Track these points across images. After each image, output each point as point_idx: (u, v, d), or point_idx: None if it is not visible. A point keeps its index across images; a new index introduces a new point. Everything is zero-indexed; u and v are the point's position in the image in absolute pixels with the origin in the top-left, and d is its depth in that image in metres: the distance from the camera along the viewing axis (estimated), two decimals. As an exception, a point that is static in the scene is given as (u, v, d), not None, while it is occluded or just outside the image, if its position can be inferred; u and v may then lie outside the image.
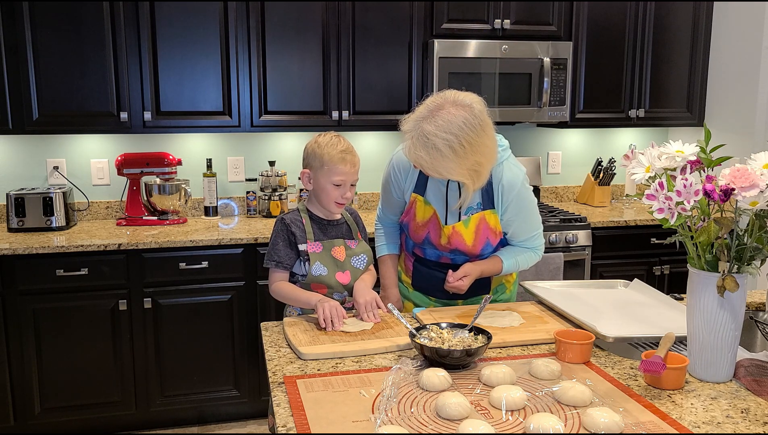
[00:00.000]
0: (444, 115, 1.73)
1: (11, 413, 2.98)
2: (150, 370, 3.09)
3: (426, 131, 1.73)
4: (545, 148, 4.09)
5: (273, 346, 1.71)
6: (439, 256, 2.08)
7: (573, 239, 3.41)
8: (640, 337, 1.63)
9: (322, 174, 1.92)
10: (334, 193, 1.93)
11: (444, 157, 1.73)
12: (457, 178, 1.79)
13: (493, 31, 3.47)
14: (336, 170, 1.90)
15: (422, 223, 2.02)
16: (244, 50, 3.25)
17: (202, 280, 3.09)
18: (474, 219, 1.97)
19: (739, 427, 1.26)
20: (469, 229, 1.97)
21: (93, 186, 3.52)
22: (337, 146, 1.91)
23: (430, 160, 1.74)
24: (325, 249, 1.96)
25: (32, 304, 2.93)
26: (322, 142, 1.93)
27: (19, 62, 3.03)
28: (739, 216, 1.36)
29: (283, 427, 1.26)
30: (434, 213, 1.99)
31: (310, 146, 1.95)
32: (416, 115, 1.79)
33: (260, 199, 3.58)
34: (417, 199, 2.02)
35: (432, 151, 1.73)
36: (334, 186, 1.92)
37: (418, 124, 1.75)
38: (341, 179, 1.91)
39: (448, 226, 1.98)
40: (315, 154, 1.92)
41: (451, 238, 1.98)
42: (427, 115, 1.75)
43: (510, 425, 1.25)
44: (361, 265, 2.01)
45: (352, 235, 2.04)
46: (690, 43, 3.78)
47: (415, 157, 1.77)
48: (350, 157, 1.91)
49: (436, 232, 2.01)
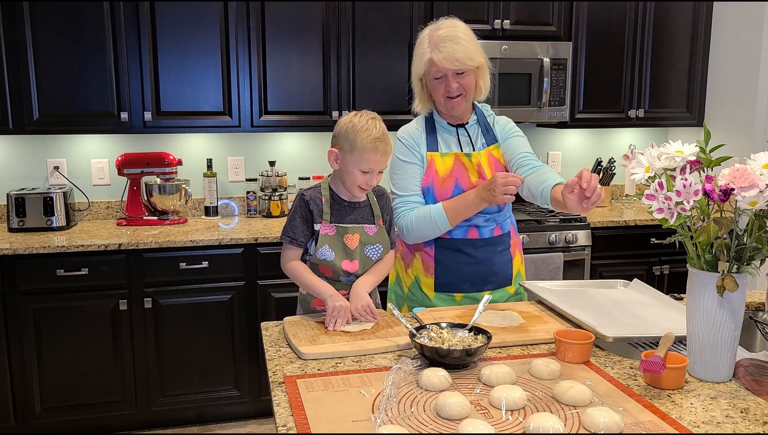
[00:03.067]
0: (442, 23, 2.02)
1: (11, 413, 2.98)
2: (150, 370, 3.10)
3: (443, 34, 1.97)
4: (545, 148, 4.09)
5: (273, 346, 1.71)
6: (465, 230, 2.07)
7: (573, 239, 3.42)
8: (639, 337, 1.63)
9: (351, 158, 1.85)
10: (360, 179, 1.86)
11: (468, 42, 1.98)
12: (480, 59, 2.02)
13: (493, 31, 3.48)
14: (366, 158, 1.83)
15: (446, 175, 2.05)
16: (244, 50, 3.25)
17: (202, 280, 3.10)
18: (484, 154, 2.09)
19: (739, 427, 1.27)
20: (484, 161, 2.08)
21: (93, 186, 3.52)
22: (372, 132, 1.83)
23: (462, 47, 1.96)
24: (338, 233, 1.91)
25: (33, 304, 2.93)
26: (357, 125, 1.84)
27: (19, 62, 3.04)
28: (739, 216, 1.36)
29: (283, 427, 1.26)
30: (455, 156, 2.07)
31: (344, 126, 1.87)
32: (420, 50, 2.01)
33: (260, 199, 3.59)
34: (434, 156, 2.07)
35: (459, 40, 1.97)
36: (362, 172, 1.86)
37: (431, 42, 1.98)
38: (370, 167, 1.85)
39: (473, 155, 2.07)
40: (347, 136, 1.85)
41: (479, 169, 2.06)
42: (430, 34, 1.99)
43: (510, 425, 1.25)
44: (375, 254, 1.95)
45: (374, 219, 1.97)
46: (690, 43, 3.78)
47: (449, 54, 1.95)
48: (383, 146, 1.84)
49: (464, 173, 2.06)
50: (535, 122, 3.69)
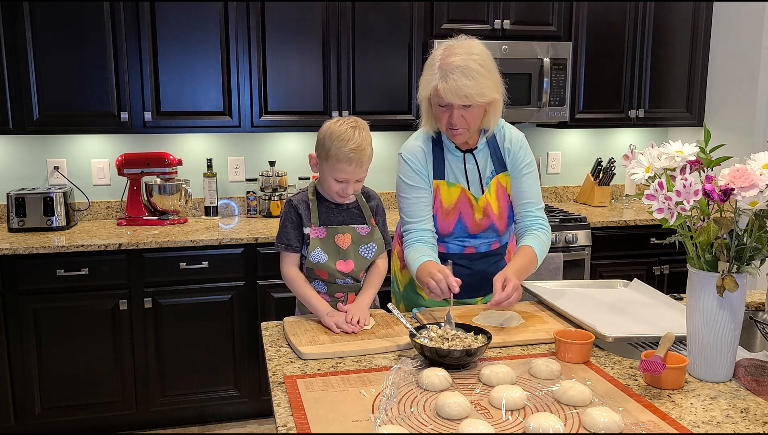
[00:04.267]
0: (458, 47, 1.86)
1: (12, 413, 2.98)
2: (150, 369, 3.10)
3: (456, 63, 1.82)
4: (545, 148, 4.09)
5: (273, 346, 1.71)
6: (462, 247, 2.07)
7: (573, 239, 3.42)
8: (639, 337, 1.63)
9: (326, 166, 1.85)
10: (335, 187, 1.86)
11: (481, 75, 1.83)
12: (492, 95, 1.88)
13: (493, 32, 3.48)
14: (339, 168, 1.82)
15: (450, 208, 2.01)
16: (244, 50, 3.25)
17: (202, 280, 3.10)
18: (492, 184, 2.03)
19: (739, 427, 1.27)
20: (492, 196, 2.02)
21: (93, 186, 3.52)
22: (348, 144, 1.79)
23: (473, 83, 1.82)
24: (328, 235, 1.90)
25: (33, 304, 2.93)
26: (335, 133, 1.82)
27: (19, 62, 3.04)
28: (739, 216, 1.36)
29: (283, 427, 1.26)
30: (462, 190, 2.01)
31: (323, 132, 1.85)
32: (429, 72, 1.87)
33: (260, 199, 3.59)
34: (440, 185, 2.01)
35: (472, 74, 1.82)
36: (336, 181, 1.85)
37: (443, 68, 1.83)
38: (344, 177, 1.84)
39: (481, 199, 2.01)
40: (324, 143, 1.84)
41: (486, 208, 2.01)
42: (443, 58, 1.85)
43: (510, 425, 1.25)
44: (370, 253, 1.94)
45: (364, 219, 1.96)
46: (690, 43, 3.78)
47: (457, 89, 1.82)
48: (357, 156, 1.81)
49: (469, 209, 2.01)
50: (535, 122, 3.68)
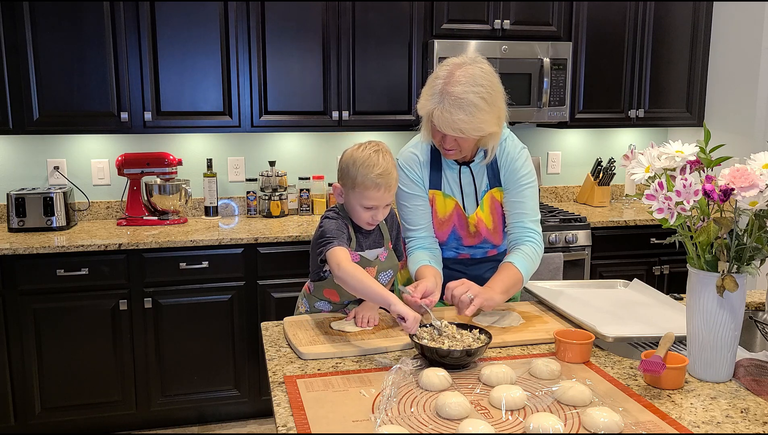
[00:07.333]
0: (463, 75, 1.77)
1: (11, 413, 2.98)
2: (150, 369, 3.10)
3: (456, 93, 1.75)
4: (545, 148, 4.09)
5: (273, 346, 1.71)
6: (456, 253, 2.07)
7: (573, 239, 3.42)
8: (639, 337, 1.63)
9: (353, 195, 1.77)
10: (365, 215, 1.79)
11: (480, 110, 1.76)
12: (490, 130, 1.82)
13: (493, 32, 3.48)
14: (367, 196, 1.75)
15: (445, 219, 2.01)
16: (244, 50, 3.25)
17: (202, 280, 3.10)
18: (486, 199, 2.01)
19: (739, 427, 1.27)
20: (485, 211, 2.01)
21: (93, 186, 3.52)
22: (374, 169, 1.72)
23: (469, 118, 1.76)
24: (360, 263, 1.81)
25: (33, 304, 2.93)
26: (358, 160, 1.74)
27: (19, 62, 3.04)
28: (739, 216, 1.36)
29: (283, 427, 1.26)
30: (456, 204, 2.00)
31: (345, 160, 1.78)
32: (430, 91, 1.80)
33: (260, 199, 3.59)
34: (436, 195, 2.00)
35: (470, 108, 1.75)
36: (365, 208, 1.78)
37: (443, 94, 1.76)
38: (373, 204, 1.77)
39: (472, 217, 2.00)
40: (348, 172, 1.76)
41: (478, 225, 2.00)
42: (445, 83, 1.77)
43: (510, 425, 1.25)
44: (385, 280, 1.91)
45: (383, 241, 1.90)
46: (690, 43, 3.78)
47: (452, 123, 1.76)
48: (385, 181, 1.73)
49: (462, 222, 2.01)
50: (535, 122, 3.68)
